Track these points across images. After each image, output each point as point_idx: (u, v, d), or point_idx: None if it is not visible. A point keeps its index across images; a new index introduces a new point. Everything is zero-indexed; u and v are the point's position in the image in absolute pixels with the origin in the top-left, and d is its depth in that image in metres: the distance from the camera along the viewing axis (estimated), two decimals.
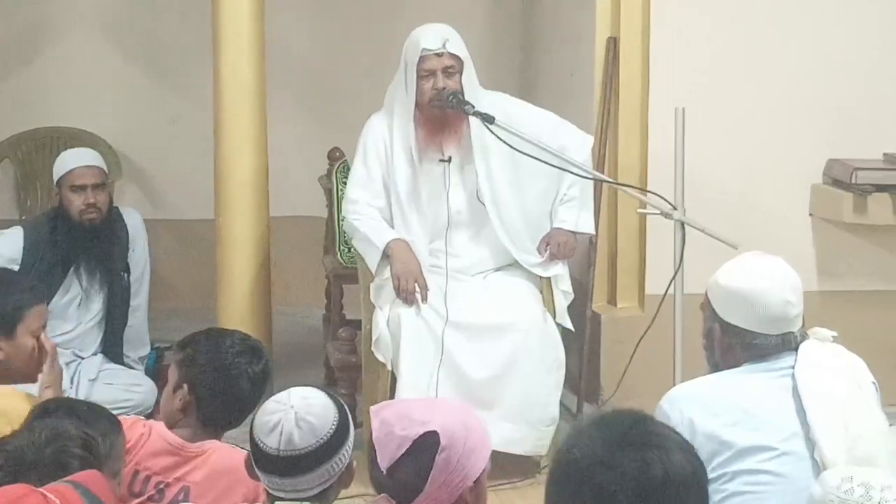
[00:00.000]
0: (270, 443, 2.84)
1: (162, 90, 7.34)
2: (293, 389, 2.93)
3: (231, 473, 3.30)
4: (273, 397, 2.93)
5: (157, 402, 4.50)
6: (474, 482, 2.79)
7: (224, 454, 3.39)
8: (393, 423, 2.74)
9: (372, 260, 5.11)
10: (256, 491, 3.12)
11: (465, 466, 2.75)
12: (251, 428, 2.91)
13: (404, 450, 2.71)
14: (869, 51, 5.91)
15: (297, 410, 2.85)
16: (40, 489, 2.61)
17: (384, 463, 2.71)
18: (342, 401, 2.96)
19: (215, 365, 3.44)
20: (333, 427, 2.85)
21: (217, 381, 3.43)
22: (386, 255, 5.08)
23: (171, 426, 3.46)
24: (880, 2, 5.92)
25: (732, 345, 3.37)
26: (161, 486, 3.35)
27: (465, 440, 2.75)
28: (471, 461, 2.77)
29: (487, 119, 4.98)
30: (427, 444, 2.72)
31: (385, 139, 5.17)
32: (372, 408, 2.83)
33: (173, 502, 3.34)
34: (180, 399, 3.45)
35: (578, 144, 5.24)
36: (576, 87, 6.22)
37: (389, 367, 5.04)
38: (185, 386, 3.45)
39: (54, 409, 3.16)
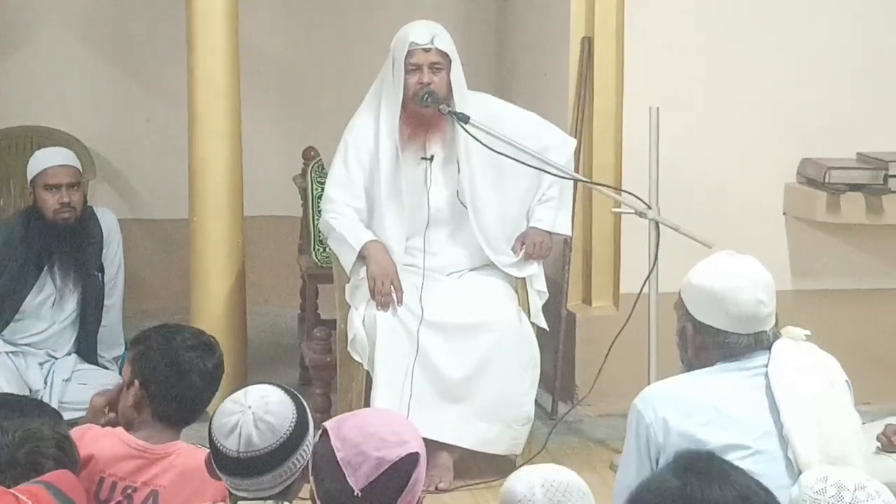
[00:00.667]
0: (230, 445, 2.83)
1: (136, 89, 7.31)
2: (250, 388, 2.92)
3: (200, 474, 3.26)
4: (230, 397, 2.91)
5: None
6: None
7: (190, 455, 3.35)
8: (361, 442, 2.71)
9: (347, 260, 5.11)
10: (224, 491, 3.10)
11: (422, 480, 2.76)
12: (209, 429, 2.89)
13: (382, 471, 2.69)
14: (843, 51, 5.92)
15: (254, 411, 2.84)
16: (12, 490, 2.60)
17: (359, 483, 2.68)
18: (300, 396, 2.95)
19: (167, 361, 3.39)
20: (292, 424, 2.84)
21: (169, 377, 3.38)
22: (361, 257, 5.07)
23: (127, 426, 3.42)
24: (854, 3, 5.94)
25: (705, 344, 3.37)
26: (129, 490, 3.28)
27: (426, 456, 2.77)
28: (425, 474, 2.78)
29: (462, 119, 4.99)
30: (406, 465, 2.71)
31: (368, 139, 5.16)
32: (325, 424, 2.80)
33: None
34: (133, 395, 3.39)
35: (560, 146, 5.25)
36: (550, 86, 6.23)
37: (366, 367, 5.04)
38: (137, 382, 3.40)
39: None
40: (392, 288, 4.99)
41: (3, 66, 7.27)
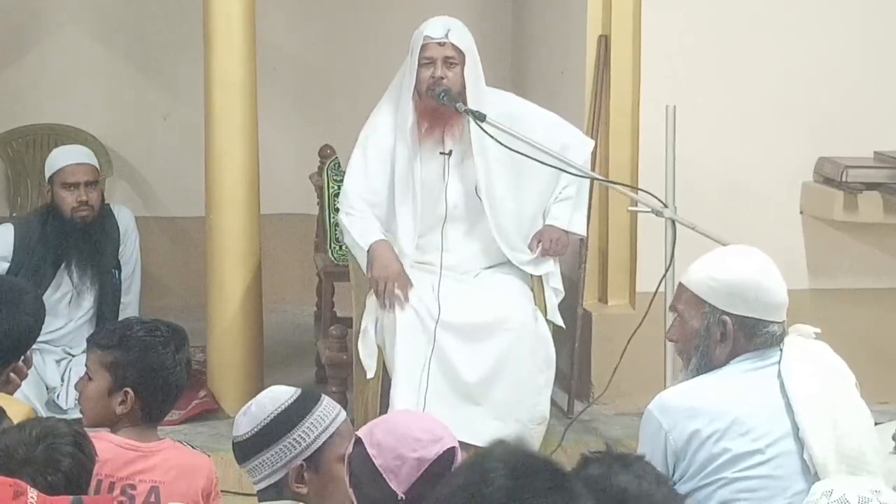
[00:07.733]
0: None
1: (152, 87, 7.33)
2: (276, 386, 3.09)
3: (190, 469, 3.38)
4: None
5: None
6: None
7: (179, 451, 3.43)
8: (397, 446, 2.70)
9: (362, 261, 5.10)
10: (209, 486, 3.34)
11: None
12: None
13: (423, 470, 2.69)
14: (860, 49, 5.91)
15: (252, 400, 3.01)
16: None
17: (402, 487, 2.67)
18: (313, 408, 2.98)
19: (152, 366, 3.38)
20: (268, 418, 2.93)
21: (157, 382, 3.38)
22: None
23: (96, 423, 3.41)
24: (871, 1, 5.93)
25: (736, 338, 3.31)
26: (128, 489, 3.30)
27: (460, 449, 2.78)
28: None
29: (479, 117, 4.98)
30: (444, 461, 2.72)
31: (386, 134, 5.15)
32: (358, 433, 2.79)
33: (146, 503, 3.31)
34: (120, 402, 3.37)
35: (579, 146, 5.24)
36: (567, 84, 6.23)
37: (370, 374, 5.04)
38: (127, 390, 3.37)
39: None
40: (397, 288, 4.97)
41: (20, 65, 7.30)
